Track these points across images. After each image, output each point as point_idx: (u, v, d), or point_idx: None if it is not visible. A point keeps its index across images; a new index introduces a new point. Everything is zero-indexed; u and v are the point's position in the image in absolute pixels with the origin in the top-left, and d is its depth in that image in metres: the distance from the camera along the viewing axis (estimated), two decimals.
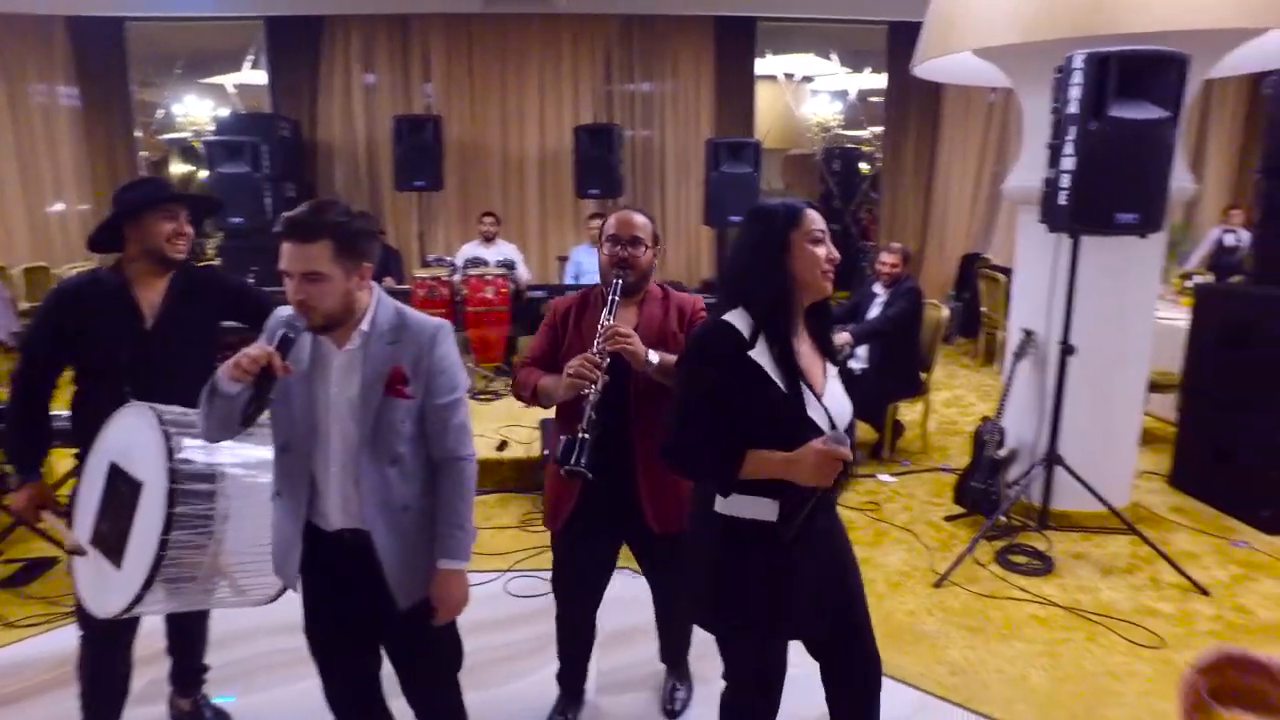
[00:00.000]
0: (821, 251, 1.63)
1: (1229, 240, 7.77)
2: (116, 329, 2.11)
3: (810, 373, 1.64)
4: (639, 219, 2.20)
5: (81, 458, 2.10)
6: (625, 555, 3.59)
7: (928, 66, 4.34)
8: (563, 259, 6.32)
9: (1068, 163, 3.24)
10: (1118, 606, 3.18)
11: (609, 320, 2.03)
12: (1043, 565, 3.48)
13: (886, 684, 2.61)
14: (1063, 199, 3.28)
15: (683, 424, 1.62)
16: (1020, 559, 3.53)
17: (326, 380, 1.67)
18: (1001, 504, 3.73)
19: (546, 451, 4.10)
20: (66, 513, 2.11)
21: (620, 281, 2.10)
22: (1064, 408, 3.65)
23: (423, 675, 1.85)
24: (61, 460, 3.51)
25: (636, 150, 8.30)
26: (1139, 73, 3.16)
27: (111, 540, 1.86)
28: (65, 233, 8.39)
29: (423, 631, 1.77)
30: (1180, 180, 3.59)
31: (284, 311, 1.69)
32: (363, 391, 1.65)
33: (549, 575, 3.40)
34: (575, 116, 8.01)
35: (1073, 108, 3.19)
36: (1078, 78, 3.17)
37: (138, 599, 1.78)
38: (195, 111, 8.58)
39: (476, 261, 6.22)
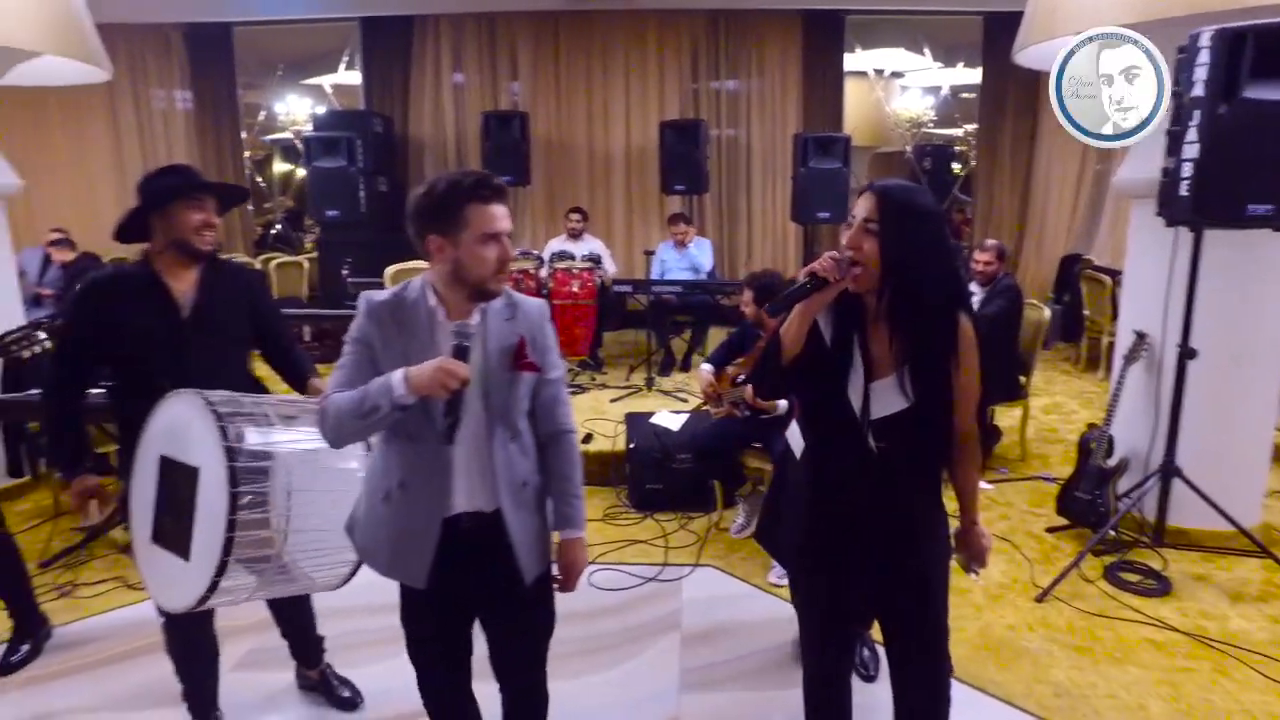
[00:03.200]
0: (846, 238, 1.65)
1: None
2: (151, 322, 2.05)
3: (874, 355, 1.66)
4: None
5: (125, 454, 2.05)
6: (712, 553, 3.57)
7: (1029, 54, 4.11)
8: (649, 253, 6.30)
9: (1190, 150, 3.01)
10: (1251, 637, 2.91)
11: None
12: (1158, 585, 3.24)
13: (986, 702, 2.53)
14: (1184, 189, 3.05)
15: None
16: (1132, 577, 3.31)
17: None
18: (1111, 517, 3.51)
19: (632, 445, 4.08)
20: (124, 500, 2.06)
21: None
22: (1182, 416, 3.41)
23: (524, 650, 1.84)
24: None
25: (723, 146, 8.22)
26: (1278, 50, 2.91)
27: (176, 534, 1.82)
28: None
29: (534, 605, 1.78)
30: None
31: (378, 296, 1.64)
32: (493, 368, 1.63)
33: (633, 569, 3.40)
34: (661, 112, 7.99)
35: (1198, 90, 2.96)
36: (1205, 57, 2.94)
37: (212, 587, 1.73)
38: (295, 111, 8.93)
39: (563, 255, 6.26)
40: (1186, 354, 3.34)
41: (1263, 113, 2.89)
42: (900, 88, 9.12)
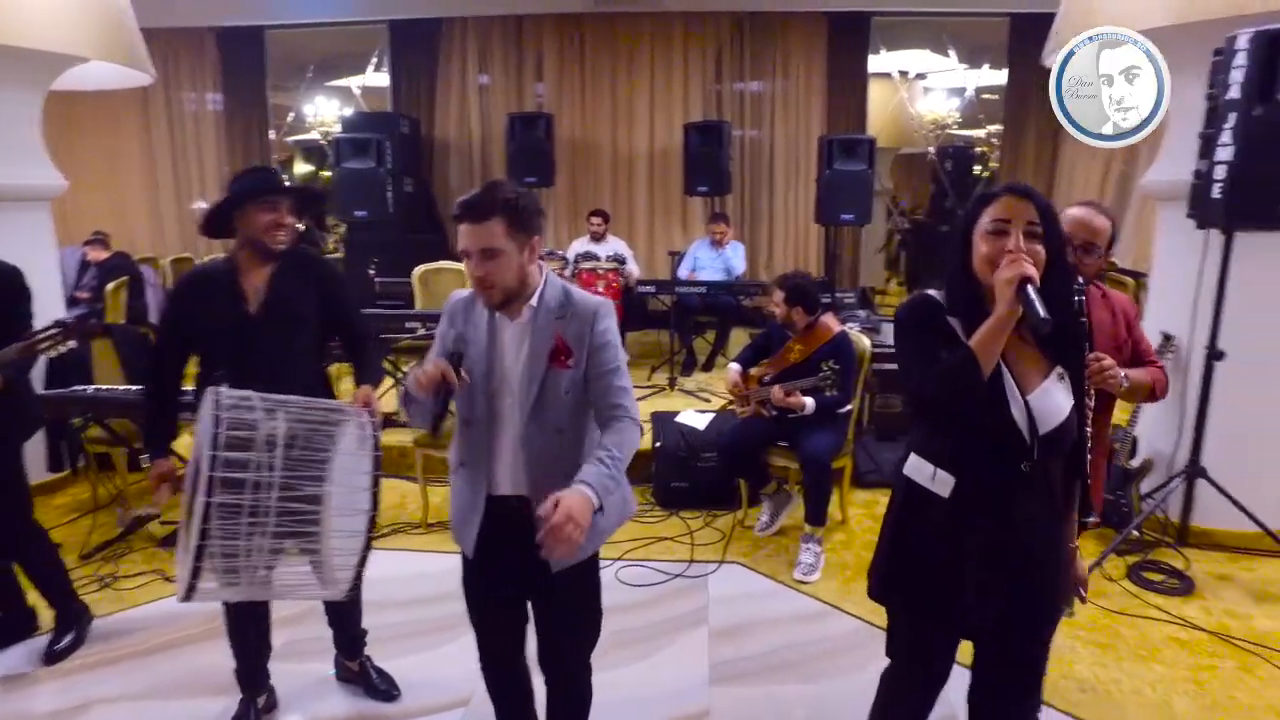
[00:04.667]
0: (999, 244, 1.49)
1: None
2: (221, 315, 2.17)
3: (1017, 368, 1.55)
4: (1099, 221, 2.08)
5: None
6: (737, 550, 3.61)
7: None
8: (674, 254, 6.34)
9: (1224, 153, 3.03)
10: (1277, 636, 2.91)
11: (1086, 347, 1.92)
12: (1181, 585, 3.25)
13: None
14: (1217, 192, 3.07)
15: (909, 376, 1.62)
16: (1156, 576, 3.32)
17: (501, 353, 1.76)
18: (1135, 517, 3.51)
19: (658, 444, 4.13)
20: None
21: (1083, 299, 1.92)
22: (1209, 418, 3.41)
23: (561, 641, 1.90)
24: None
25: (746, 148, 8.24)
26: None
27: (185, 525, 1.82)
28: None
29: (572, 596, 1.84)
30: None
31: (460, 294, 1.81)
32: (529, 363, 1.73)
33: (659, 565, 3.45)
34: (685, 114, 8.02)
35: (1234, 93, 2.98)
36: (1241, 59, 2.96)
37: (190, 588, 1.71)
38: (324, 113, 9.06)
39: (587, 256, 6.33)
40: (1214, 355, 3.35)
41: None
42: (924, 89, 9.10)
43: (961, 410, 1.52)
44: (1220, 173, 3.04)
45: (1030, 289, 1.44)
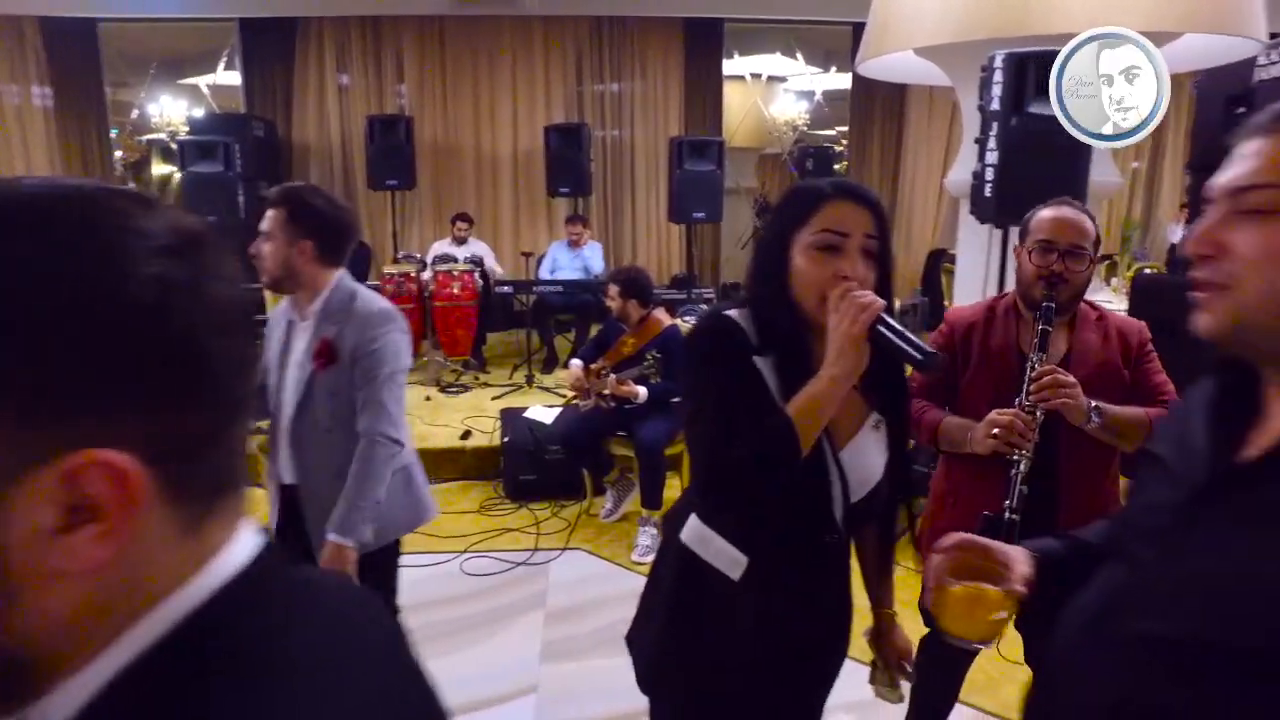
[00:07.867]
0: (830, 265, 1.16)
1: (1183, 235, 8.01)
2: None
3: (836, 419, 1.20)
4: (1087, 224, 1.77)
5: None
6: (581, 537, 3.78)
7: (870, 65, 4.52)
8: (527, 255, 6.47)
9: (992, 157, 3.41)
10: None
11: (1039, 360, 1.64)
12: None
13: None
14: (989, 191, 3.45)
15: (713, 438, 1.20)
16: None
17: (289, 352, 1.89)
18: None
19: (507, 439, 4.24)
20: None
21: (1052, 306, 1.68)
22: None
23: None
24: None
25: (607, 149, 8.44)
26: None
27: None
28: None
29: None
30: (1105, 175, 3.77)
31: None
32: (301, 362, 1.84)
33: (504, 555, 3.58)
34: (546, 116, 8.13)
35: (995, 105, 3.36)
36: (999, 76, 3.34)
37: None
38: (170, 112, 8.65)
39: (446, 258, 6.36)
40: None
41: (1044, 125, 3.29)
42: (783, 90, 9.55)
43: (769, 489, 1.17)
44: (990, 174, 3.42)
45: (886, 329, 1.11)
